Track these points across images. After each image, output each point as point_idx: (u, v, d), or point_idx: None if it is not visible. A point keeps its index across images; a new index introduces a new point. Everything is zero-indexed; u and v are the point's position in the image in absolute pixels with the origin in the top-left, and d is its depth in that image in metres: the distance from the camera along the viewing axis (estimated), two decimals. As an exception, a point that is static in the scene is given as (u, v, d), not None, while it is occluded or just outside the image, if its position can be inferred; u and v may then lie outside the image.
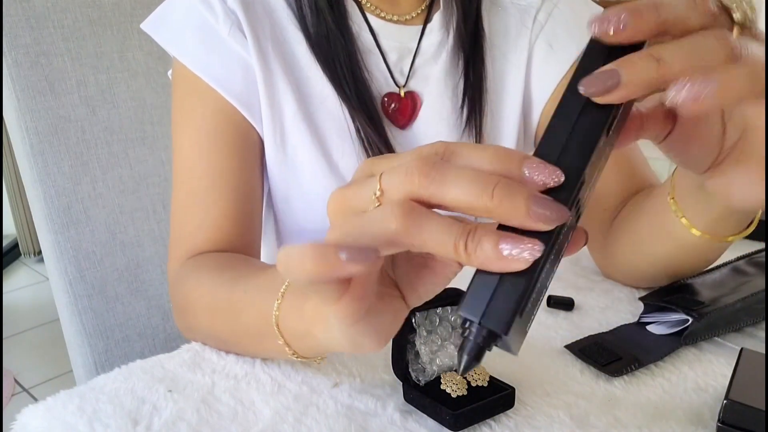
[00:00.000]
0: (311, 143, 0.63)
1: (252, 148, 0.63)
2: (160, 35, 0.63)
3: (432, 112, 0.68)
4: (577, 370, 0.48)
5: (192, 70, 0.60)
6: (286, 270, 0.27)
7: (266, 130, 0.63)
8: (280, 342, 0.43)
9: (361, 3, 0.66)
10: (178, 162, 0.63)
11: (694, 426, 0.42)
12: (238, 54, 0.61)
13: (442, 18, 0.68)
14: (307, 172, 0.64)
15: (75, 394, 0.45)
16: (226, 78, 0.61)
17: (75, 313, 0.77)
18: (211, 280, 0.53)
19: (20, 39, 0.72)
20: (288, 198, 0.66)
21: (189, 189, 0.62)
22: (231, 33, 0.60)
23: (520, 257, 0.26)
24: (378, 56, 0.66)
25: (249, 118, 0.62)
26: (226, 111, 0.61)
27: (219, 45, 0.61)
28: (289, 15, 0.63)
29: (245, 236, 0.62)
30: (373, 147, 0.64)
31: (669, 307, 0.53)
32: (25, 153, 0.73)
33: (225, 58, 0.61)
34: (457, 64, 0.69)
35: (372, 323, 0.31)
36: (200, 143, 0.61)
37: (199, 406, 0.43)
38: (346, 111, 0.63)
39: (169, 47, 0.62)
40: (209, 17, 0.61)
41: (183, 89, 0.63)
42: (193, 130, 0.62)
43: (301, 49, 0.63)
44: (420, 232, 0.27)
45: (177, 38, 0.62)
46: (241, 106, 0.61)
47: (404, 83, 0.67)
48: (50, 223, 0.75)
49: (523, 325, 0.28)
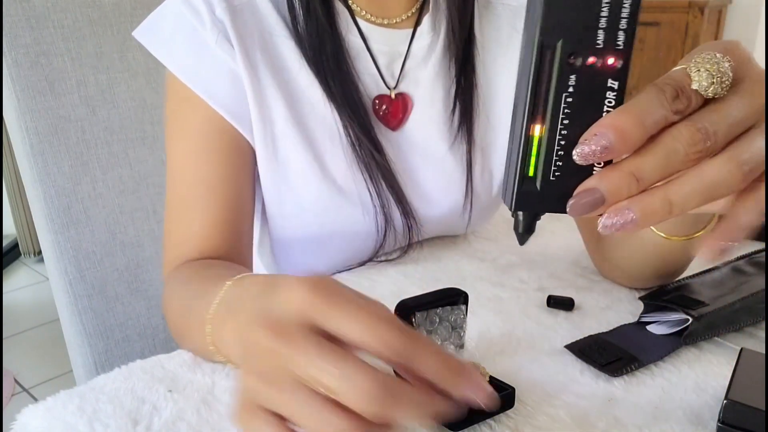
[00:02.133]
0: (302, 148, 0.63)
1: (242, 157, 0.63)
2: (150, 43, 0.63)
3: (423, 115, 0.68)
4: (577, 370, 0.48)
5: (180, 78, 0.61)
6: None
7: (257, 137, 0.63)
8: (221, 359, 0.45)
9: (351, 7, 0.66)
10: (170, 168, 0.64)
11: (694, 426, 0.42)
12: (226, 63, 0.61)
13: (431, 21, 0.68)
14: (299, 177, 0.64)
15: (75, 394, 0.45)
16: (214, 87, 0.61)
17: (75, 313, 0.77)
18: (177, 297, 0.54)
19: (20, 39, 0.72)
20: (281, 204, 0.66)
21: (179, 196, 0.62)
22: (218, 42, 0.60)
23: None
24: (368, 59, 0.66)
25: (237, 126, 0.62)
26: (215, 120, 0.61)
27: (207, 54, 0.61)
28: (278, 20, 0.63)
29: (234, 245, 0.63)
30: (363, 149, 0.64)
31: (669, 307, 0.53)
32: (25, 153, 0.73)
33: (213, 67, 0.61)
34: (448, 68, 0.69)
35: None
36: (190, 151, 0.61)
37: (199, 406, 0.43)
38: (335, 113, 0.64)
39: (159, 55, 0.62)
40: (197, 26, 0.60)
41: (175, 96, 0.63)
42: (183, 137, 0.62)
43: (291, 54, 0.63)
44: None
45: (166, 46, 0.62)
46: (228, 115, 0.61)
47: (395, 85, 0.68)
48: (50, 223, 0.75)
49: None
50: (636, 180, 0.30)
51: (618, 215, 0.30)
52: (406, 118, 0.68)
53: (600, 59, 0.30)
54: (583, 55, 0.30)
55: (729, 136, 0.30)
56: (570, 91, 0.30)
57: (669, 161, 0.29)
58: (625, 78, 0.30)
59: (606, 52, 0.30)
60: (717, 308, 0.51)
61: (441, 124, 0.69)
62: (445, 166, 0.69)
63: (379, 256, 0.70)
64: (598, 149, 0.29)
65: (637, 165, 0.30)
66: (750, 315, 0.54)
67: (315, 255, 0.69)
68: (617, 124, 0.29)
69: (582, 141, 0.30)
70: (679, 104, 0.30)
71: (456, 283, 0.54)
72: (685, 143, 0.29)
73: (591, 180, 0.31)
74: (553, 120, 0.31)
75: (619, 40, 0.30)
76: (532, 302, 0.59)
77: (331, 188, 0.64)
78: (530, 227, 0.33)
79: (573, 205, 0.31)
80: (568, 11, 0.29)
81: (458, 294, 0.48)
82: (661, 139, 0.30)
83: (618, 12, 0.29)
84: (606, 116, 0.30)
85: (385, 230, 0.67)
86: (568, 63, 0.30)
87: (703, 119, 0.30)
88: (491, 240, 0.77)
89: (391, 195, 0.66)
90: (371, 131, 0.65)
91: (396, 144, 0.68)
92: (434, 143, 0.69)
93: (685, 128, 0.29)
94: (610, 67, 0.30)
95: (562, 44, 0.30)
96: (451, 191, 0.70)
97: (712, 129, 0.29)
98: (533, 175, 0.32)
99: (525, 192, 0.32)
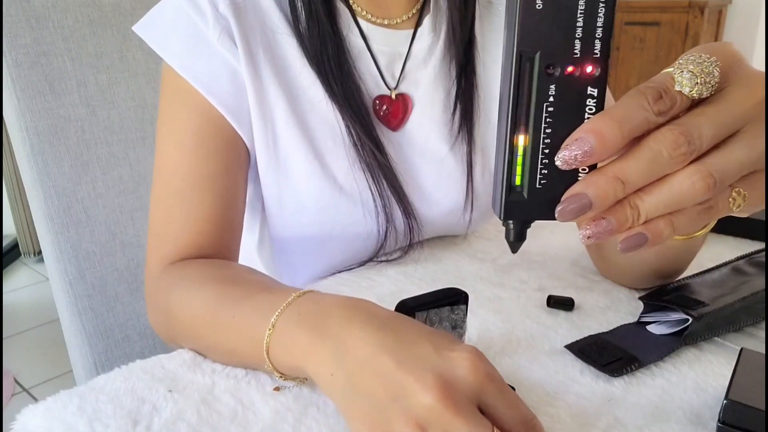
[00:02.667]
0: (303, 147, 0.63)
1: (236, 154, 0.63)
2: (149, 36, 0.62)
3: (423, 116, 0.68)
4: (577, 370, 0.48)
5: (177, 70, 0.60)
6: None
7: (258, 136, 0.63)
8: (267, 367, 0.45)
9: (353, 7, 0.66)
10: (160, 160, 0.62)
11: (694, 426, 0.42)
12: (226, 60, 0.61)
13: (432, 22, 0.68)
14: (300, 176, 0.64)
15: (75, 394, 0.45)
16: (212, 83, 0.60)
17: (75, 313, 0.77)
18: (196, 299, 0.53)
19: (20, 39, 0.72)
20: (282, 202, 0.66)
21: (171, 189, 0.61)
22: (220, 39, 0.60)
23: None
24: (368, 59, 0.66)
25: (234, 123, 0.61)
26: (211, 115, 0.61)
27: (207, 50, 0.60)
28: (280, 18, 0.63)
29: (227, 242, 0.62)
30: (365, 148, 0.64)
31: (669, 307, 0.53)
32: (25, 153, 0.73)
33: (212, 63, 0.61)
34: (448, 69, 0.69)
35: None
36: (185, 144, 0.61)
37: (199, 406, 0.43)
38: (336, 112, 0.64)
39: (158, 48, 0.62)
40: (199, 22, 0.60)
41: (171, 88, 0.62)
42: (178, 130, 0.61)
43: (292, 52, 0.63)
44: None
45: (165, 40, 0.61)
46: (226, 111, 0.61)
47: (395, 86, 0.68)
48: (50, 223, 0.75)
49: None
50: (621, 183, 0.30)
51: (595, 225, 0.31)
52: (407, 119, 0.68)
53: (578, 68, 0.30)
54: (561, 65, 0.30)
55: (715, 138, 0.30)
56: (551, 101, 0.31)
57: (653, 164, 0.30)
58: (604, 85, 0.31)
59: (584, 61, 0.30)
60: (717, 308, 0.51)
61: (441, 125, 0.69)
62: (446, 167, 0.69)
63: (379, 257, 0.70)
64: (580, 154, 0.30)
65: (621, 169, 0.30)
66: (750, 315, 0.54)
67: (315, 255, 0.69)
68: (597, 128, 0.30)
69: (564, 146, 0.31)
70: (662, 105, 0.30)
71: (456, 283, 0.54)
72: (669, 146, 0.29)
73: (577, 185, 0.31)
74: (536, 129, 0.31)
75: (596, 48, 0.30)
76: (532, 302, 0.59)
77: (332, 187, 0.64)
78: (521, 235, 0.34)
79: (561, 212, 0.31)
80: (544, 23, 0.30)
81: (458, 294, 0.48)
82: (646, 143, 0.30)
83: (593, 21, 0.30)
84: (587, 122, 0.30)
85: (386, 230, 0.67)
86: (546, 74, 0.30)
87: (688, 122, 0.30)
88: (491, 240, 0.77)
89: (393, 195, 0.66)
90: (373, 131, 0.65)
91: (396, 144, 0.68)
92: (435, 144, 0.69)
93: (668, 131, 0.30)
94: (588, 75, 0.31)
95: (540, 56, 0.30)
96: (452, 192, 0.70)
97: (696, 132, 0.30)
98: (520, 184, 0.32)
99: (513, 201, 0.32)
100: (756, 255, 0.63)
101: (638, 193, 0.31)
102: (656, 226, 0.32)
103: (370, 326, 0.39)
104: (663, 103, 0.30)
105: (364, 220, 0.66)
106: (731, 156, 0.30)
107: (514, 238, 0.34)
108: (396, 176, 0.66)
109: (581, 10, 0.30)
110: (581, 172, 0.32)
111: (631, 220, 0.31)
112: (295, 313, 0.43)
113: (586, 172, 0.32)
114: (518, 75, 0.30)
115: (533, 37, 0.30)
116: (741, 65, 0.32)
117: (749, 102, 0.31)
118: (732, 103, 0.30)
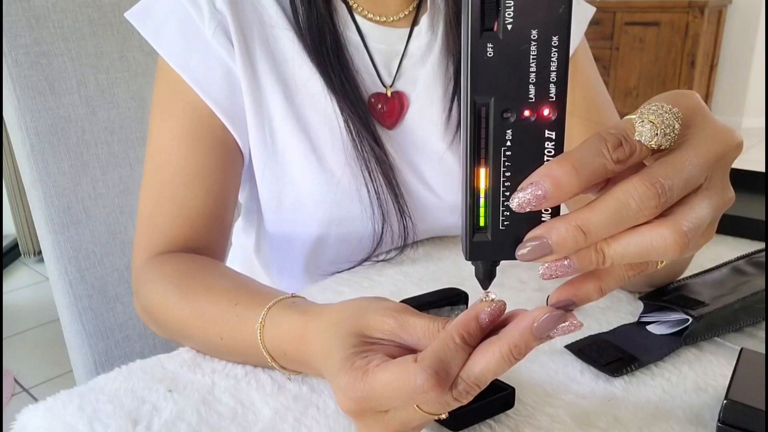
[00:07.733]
0: (300, 140, 0.63)
1: (228, 152, 0.63)
2: (143, 26, 0.62)
3: (420, 115, 0.68)
4: (577, 370, 0.48)
5: (169, 63, 0.60)
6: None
7: (254, 132, 0.63)
8: (271, 363, 0.45)
9: (350, 4, 0.66)
10: (152, 151, 0.62)
11: (694, 426, 0.42)
12: (220, 57, 0.60)
13: (429, 20, 0.68)
14: (297, 169, 0.64)
15: (75, 394, 0.45)
16: (205, 79, 0.60)
17: (75, 313, 0.77)
18: (175, 303, 0.52)
19: (20, 39, 0.72)
20: (280, 198, 0.66)
21: (163, 181, 0.61)
22: (215, 35, 0.60)
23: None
24: (365, 56, 0.66)
25: (226, 122, 0.61)
26: (203, 110, 0.61)
27: (201, 45, 0.60)
28: (278, 11, 0.63)
29: (215, 237, 0.62)
30: (363, 141, 0.64)
31: (669, 307, 0.53)
32: (25, 153, 0.73)
33: (206, 58, 0.60)
34: (445, 67, 0.69)
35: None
36: (178, 137, 0.60)
37: (199, 406, 0.43)
38: (335, 105, 0.63)
39: (151, 39, 0.61)
40: (194, 15, 0.60)
41: (165, 80, 0.62)
42: (172, 122, 0.61)
43: (290, 46, 0.63)
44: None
45: (159, 32, 0.61)
46: (218, 110, 0.60)
47: (391, 84, 0.68)
48: (50, 223, 0.75)
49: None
50: (583, 234, 0.30)
51: (555, 265, 0.31)
52: (402, 117, 0.68)
53: (534, 112, 0.30)
54: (516, 110, 0.30)
55: (685, 190, 0.30)
56: (508, 145, 0.30)
57: (619, 216, 0.29)
58: (561, 127, 0.30)
59: (539, 105, 0.30)
60: (717, 308, 0.51)
61: (439, 124, 0.69)
62: (445, 165, 0.69)
63: (377, 255, 0.70)
64: (533, 198, 0.29)
65: (585, 219, 0.30)
66: (750, 315, 0.54)
67: (312, 253, 0.69)
68: (552, 173, 0.29)
69: (519, 189, 0.30)
70: (620, 154, 0.29)
71: (456, 283, 0.54)
72: (638, 198, 0.29)
73: (539, 229, 0.31)
74: (495, 173, 0.31)
75: (551, 92, 0.30)
76: (532, 302, 0.59)
77: (329, 180, 0.64)
78: (490, 274, 0.34)
79: (522, 255, 0.31)
80: (497, 68, 0.29)
81: (458, 294, 0.48)
82: (613, 193, 0.29)
83: (547, 65, 0.29)
84: (543, 166, 0.30)
85: (383, 227, 0.67)
86: (502, 118, 0.30)
87: (658, 173, 0.29)
88: (491, 240, 0.77)
89: (389, 193, 0.66)
90: (371, 124, 0.65)
91: (393, 143, 0.68)
92: (432, 142, 0.69)
93: (639, 183, 0.29)
94: (545, 118, 0.30)
95: (494, 101, 0.30)
96: (451, 190, 0.70)
97: (667, 184, 0.29)
98: (484, 225, 0.32)
99: (478, 242, 0.32)
100: (756, 255, 0.63)
101: (607, 239, 0.30)
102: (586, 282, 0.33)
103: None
104: (622, 151, 0.29)
105: (360, 215, 0.66)
106: (700, 213, 0.30)
107: (484, 276, 0.34)
108: (393, 172, 0.66)
109: (533, 55, 0.29)
110: (545, 212, 0.31)
111: (596, 263, 0.31)
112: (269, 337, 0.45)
113: (549, 212, 0.31)
114: (474, 121, 0.30)
115: (486, 84, 0.30)
116: (704, 116, 0.32)
117: (712, 155, 0.30)
118: (697, 158, 0.30)
